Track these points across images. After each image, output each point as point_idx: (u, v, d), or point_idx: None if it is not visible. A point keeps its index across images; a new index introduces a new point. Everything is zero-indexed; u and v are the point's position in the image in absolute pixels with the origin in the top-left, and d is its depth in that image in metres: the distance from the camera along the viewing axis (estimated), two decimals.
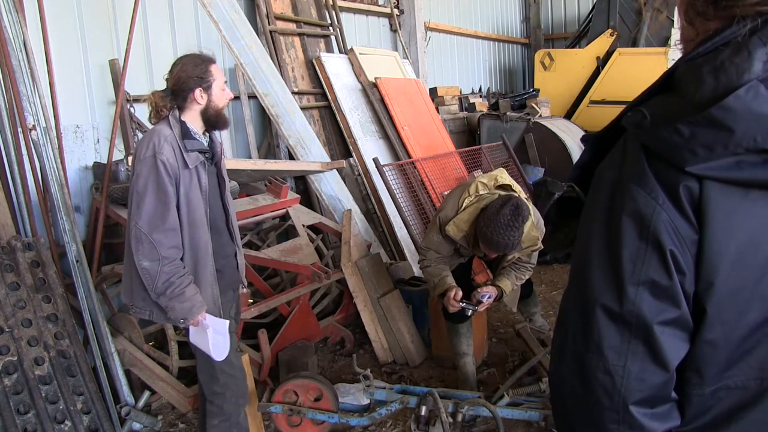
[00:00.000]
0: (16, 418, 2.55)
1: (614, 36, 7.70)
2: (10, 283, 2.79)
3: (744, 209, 0.74)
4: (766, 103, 0.70)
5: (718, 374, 0.78)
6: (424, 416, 2.55)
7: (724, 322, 0.76)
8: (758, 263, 0.75)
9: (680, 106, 0.74)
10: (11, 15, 3.01)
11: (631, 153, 0.79)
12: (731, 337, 0.76)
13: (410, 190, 4.85)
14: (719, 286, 0.75)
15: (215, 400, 2.41)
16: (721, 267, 0.74)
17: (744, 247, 0.74)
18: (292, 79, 4.86)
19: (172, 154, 2.15)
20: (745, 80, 0.70)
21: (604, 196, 0.80)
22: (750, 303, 0.75)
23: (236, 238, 2.46)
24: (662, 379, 0.78)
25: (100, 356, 2.97)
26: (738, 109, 0.70)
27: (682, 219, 0.74)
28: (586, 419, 0.82)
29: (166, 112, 2.23)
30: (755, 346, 0.76)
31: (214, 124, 2.31)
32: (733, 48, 0.72)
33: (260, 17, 4.73)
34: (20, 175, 3.13)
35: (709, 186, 0.74)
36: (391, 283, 3.84)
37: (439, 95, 6.68)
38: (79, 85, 3.71)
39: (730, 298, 0.75)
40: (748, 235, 0.74)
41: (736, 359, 0.77)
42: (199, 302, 2.20)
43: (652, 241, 0.75)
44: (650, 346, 0.76)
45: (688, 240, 0.75)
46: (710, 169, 0.73)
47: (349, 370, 3.56)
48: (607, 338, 0.78)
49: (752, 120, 0.70)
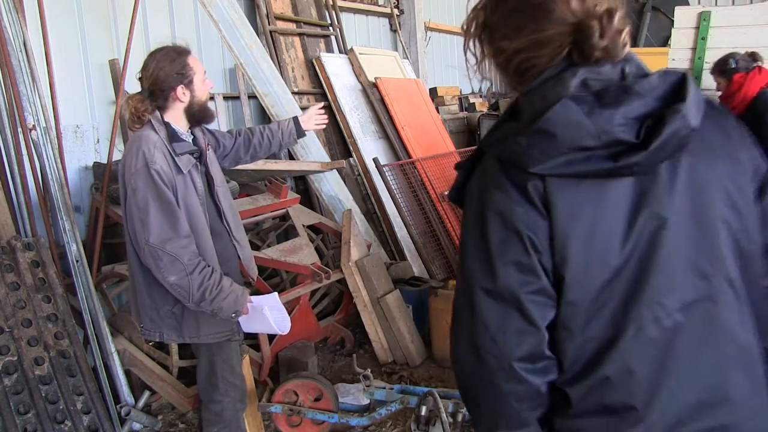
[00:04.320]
0: (16, 418, 2.55)
1: None
2: (10, 283, 2.79)
3: (580, 197, 0.94)
4: (576, 113, 0.91)
5: (581, 329, 0.96)
6: (424, 416, 2.55)
7: (579, 287, 0.95)
8: (599, 238, 0.94)
9: (521, 125, 0.97)
10: (11, 15, 3.01)
11: (489, 166, 1.01)
12: (586, 298, 0.95)
13: (410, 190, 4.85)
14: (571, 260, 0.94)
15: (214, 408, 2.32)
16: (570, 244, 0.94)
17: (587, 226, 0.94)
18: (292, 79, 4.86)
19: (164, 160, 2.02)
20: (560, 98, 0.93)
21: (474, 203, 1.01)
22: (597, 270, 0.95)
23: (234, 233, 2.32)
24: (535, 338, 0.96)
25: (100, 356, 2.97)
26: (555, 119, 0.91)
27: (533, 210, 0.94)
28: (484, 383, 1.00)
29: (147, 116, 2.09)
30: (605, 303, 0.95)
31: (200, 119, 2.18)
32: (554, 80, 0.96)
33: (260, 17, 4.73)
34: (20, 175, 3.12)
35: (550, 181, 0.93)
36: (391, 283, 3.84)
37: (439, 95, 6.68)
38: (79, 85, 3.71)
39: (581, 267, 0.94)
40: (587, 216, 0.94)
41: (592, 315, 0.96)
42: (240, 290, 2.10)
43: (513, 230, 0.95)
44: (522, 313, 0.96)
45: (540, 226, 0.94)
46: (548, 168, 0.93)
47: (349, 370, 3.56)
48: (488, 312, 0.97)
49: (567, 126, 0.91)
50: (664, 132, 0.90)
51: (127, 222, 2.08)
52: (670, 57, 4.03)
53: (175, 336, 2.18)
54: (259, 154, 2.56)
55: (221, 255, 2.25)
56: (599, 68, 0.96)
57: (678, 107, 0.92)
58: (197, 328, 2.17)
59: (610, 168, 0.92)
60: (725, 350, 0.97)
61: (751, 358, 0.99)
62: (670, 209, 0.95)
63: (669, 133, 0.91)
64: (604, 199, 0.94)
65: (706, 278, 0.96)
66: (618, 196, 0.95)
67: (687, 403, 0.95)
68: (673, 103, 0.93)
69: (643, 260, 0.95)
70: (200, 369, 2.32)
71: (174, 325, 2.16)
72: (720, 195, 0.98)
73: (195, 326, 2.17)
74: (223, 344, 2.26)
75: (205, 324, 2.16)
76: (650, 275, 0.94)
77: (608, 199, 0.95)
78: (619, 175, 0.94)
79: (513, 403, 0.99)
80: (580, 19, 0.95)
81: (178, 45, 2.15)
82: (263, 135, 2.52)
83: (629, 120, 0.92)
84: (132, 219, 2.02)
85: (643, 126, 0.92)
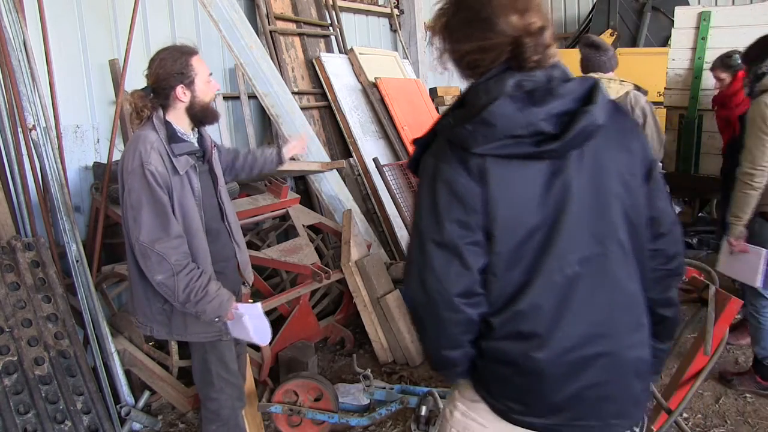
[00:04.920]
0: (16, 418, 2.55)
1: (614, 36, 7.69)
2: (10, 283, 2.79)
3: (509, 172, 1.21)
4: (511, 108, 1.17)
5: (503, 274, 1.24)
6: (424, 416, 2.55)
7: (504, 241, 1.23)
8: (520, 204, 1.22)
9: (468, 113, 1.22)
10: (11, 15, 3.00)
11: (441, 145, 1.27)
12: (508, 250, 1.23)
13: (410, 190, 4.85)
14: (499, 220, 1.22)
15: (211, 405, 2.34)
16: (498, 208, 1.21)
17: (511, 194, 1.21)
18: (292, 79, 4.86)
19: (160, 161, 2.04)
20: (499, 96, 1.19)
21: (428, 173, 1.27)
22: (517, 229, 1.23)
23: (234, 234, 2.36)
24: (470, 279, 1.24)
25: (100, 356, 2.97)
26: (495, 112, 1.18)
27: (472, 181, 1.21)
28: (430, 312, 1.28)
29: (147, 113, 2.11)
30: (523, 255, 1.23)
31: (202, 120, 2.20)
32: (496, 79, 1.22)
33: (260, 17, 4.73)
34: (20, 175, 3.12)
35: (488, 160, 1.21)
36: (391, 283, 3.84)
37: (439, 95, 6.66)
38: (79, 85, 3.71)
39: (505, 226, 1.22)
40: (513, 187, 1.21)
41: (513, 264, 1.24)
42: (227, 295, 2.13)
43: (456, 195, 1.22)
44: (460, 259, 1.23)
45: (477, 192, 1.21)
46: (486, 149, 1.20)
47: (349, 370, 3.56)
48: (436, 258, 1.24)
49: (504, 118, 1.17)
50: (575, 127, 1.18)
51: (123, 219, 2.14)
52: (670, 57, 4.03)
53: (165, 332, 2.22)
54: (240, 176, 2.67)
55: (220, 254, 2.27)
56: (532, 73, 1.22)
57: (588, 108, 1.19)
58: (185, 327, 2.21)
59: (533, 152, 1.20)
60: (613, 296, 1.27)
61: (635, 303, 1.30)
62: (575, 185, 1.23)
63: (579, 128, 1.18)
64: (526, 175, 1.22)
65: (600, 240, 1.25)
66: (537, 173, 1.23)
67: (580, 333, 1.24)
68: (585, 105, 1.20)
69: (552, 223, 1.23)
70: (195, 367, 2.36)
71: (164, 321, 2.20)
72: (615, 176, 1.27)
73: (183, 325, 2.20)
74: (215, 342, 2.27)
75: (192, 323, 2.19)
76: (557, 235, 1.23)
77: (529, 175, 1.23)
78: (539, 158, 1.22)
79: (451, 328, 1.28)
80: (518, 35, 1.19)
81: (185, 45, 2.17)
82: (246, 159, 2.62)
83: (551, 116, 1.18)
84: (126, 217, 2.08)
85: (560, 121, 1.19)
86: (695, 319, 2.64)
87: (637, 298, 1.30)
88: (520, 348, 1.25)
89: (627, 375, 1.29)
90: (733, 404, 3.11)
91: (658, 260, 1.36)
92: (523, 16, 1.20)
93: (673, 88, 4.02)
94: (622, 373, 1.28)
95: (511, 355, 1.27)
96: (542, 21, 1.21)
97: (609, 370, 1.27)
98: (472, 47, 1.23)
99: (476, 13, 1.22)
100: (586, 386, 1.26)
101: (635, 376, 1.30)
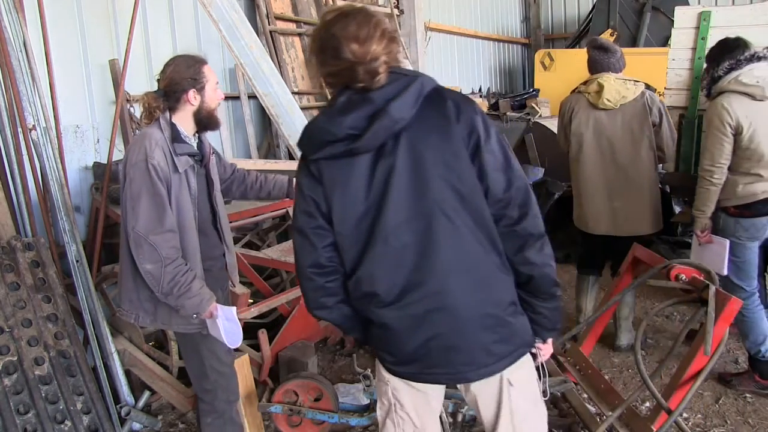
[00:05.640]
0: (16, 418, 2.55)
1: (614, 36, 7.69)
2: (10, 283, 2.79)
3: (337, 170, 1.51)
4: (322, 121, 1.50)
5: (346, 249, 1.56)
6: None
7: (342, 224, 1.53)
8: (350, 193, 1.51)
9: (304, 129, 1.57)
10: (11, 15, 3.01)
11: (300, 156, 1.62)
12: (347, 231, 1.53)
13: None
14: (335, 208, 1.53)
15: (206, 397, 2.44)
16: (333, 199, 1.52)
17: (342, 187, 1.51)
18: (292, 79, 4.86)
19: (163, 157, 2.16)
20: (322, 112, 1.53)
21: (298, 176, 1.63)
22: (350, 213, 1.52)
23: (225, 238, 2.46)
24: (316, 254, 1.57)
25: (100, 356, 2.97)
26: (311, 126, 1.54)
27: (314, 181, 1.54)
28: (300, 279, 1.62)
29: (158, 113, 2.23)
30: (359, 234, 1.53)
31: (206, 125, 2.32)
32: (336, 96, 1.51)
33: (260, 17, 4.73)
34: (20, 175, 3.13)
35: (321, 163, 1.52)
36: None
37: None
38: (79, 85, 3.71)
39: (341, 212, 1.52)
40: (341, 181, 1.51)
41: (352, 241, 1.54)
42: (208, 295, 2.21)
43: (303, 194, 1.56)
44: (309, 240, 1.56)
45: (318, 189, 1.54)
46: (316, 155, 1.51)
47: (349, 370, 3.56)
48: (295, 240, 1.60)
49: (318, 129, 1.51)
50: (372, 127, 1.43)
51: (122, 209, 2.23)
52: (670, 57, 4.01)
53: (149, 320, 2.29)
54: (248, 195, 2.74)
55: (209, 253, 2.37)
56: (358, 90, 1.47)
57: (386, 108, 1.42)
58: (169, 317, 2.29)
59: (346, 150, 1.47)
60: (445, 259, 1.49)
61: (473, 267, 1.51)
62: (394, 171, 1.48)
63: (376, 126, 1.43)
64: (351, 170, 1.50)
65: (423, 214, 1.48)
66: (361, 166, 1.50)
67: (412, 292, 1.51)
68: (389, 104, 1.42)
69: (379, 205, 1.50)
70: (187, 361, 2.46)
71: (150, 309, 2.28)
72: (436, 159, 1.48)
73: (168, 315, 2.28)
74: (206, 335, 2.33)
75: (177, 314, 2.27)
76: (384, 214, 1.49)
77: (354, 169, 1.50)
78: (355, 154, 1.48)
79: (311, 292, 1.62)
80: (354, 62, 1.42)
81: (196, 54, 2.32)
82: (257, 180, 2.70)
83: (361, 118, 1.44)
84: (125, 206, 2.17)
85: (368, 122, 1.43)
86: (695, 319, 2.64)
87: (478, 262, 1.51)
88: (366, 304, 1.57)
89: (469, 328, 1.52)
90: (733, 404, 3.11)
91: (504, 222, 1.52)
92: (363, 45, 1.41)
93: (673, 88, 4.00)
94: (461, 326, 1.52)
95: (364, 312, 1.59)
96: (381, 50, 1.43)
97: (446, 324, 1.51)
98: (326, 71, 1.51)
99: (327, 42, 1.45)
100: (430, 337, 1.53)
101: (482, 329, 1.53)
